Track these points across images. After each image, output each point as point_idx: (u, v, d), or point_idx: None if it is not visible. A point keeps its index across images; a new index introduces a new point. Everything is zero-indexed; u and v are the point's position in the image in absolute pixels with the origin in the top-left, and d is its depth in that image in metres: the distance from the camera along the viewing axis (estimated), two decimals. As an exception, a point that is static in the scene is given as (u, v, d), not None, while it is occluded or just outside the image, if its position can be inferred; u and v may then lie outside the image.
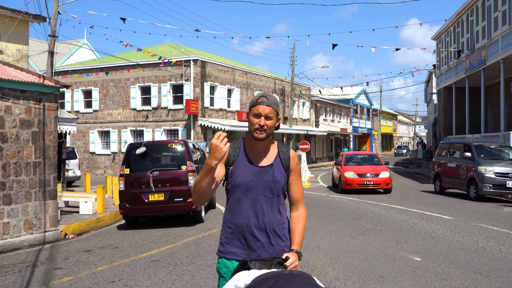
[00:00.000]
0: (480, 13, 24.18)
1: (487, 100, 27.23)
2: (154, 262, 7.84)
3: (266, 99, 3.03)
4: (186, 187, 11.46)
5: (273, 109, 3.03)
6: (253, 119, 3.03)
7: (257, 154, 3.13)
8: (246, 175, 3.08)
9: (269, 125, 3.02)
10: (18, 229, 9.80)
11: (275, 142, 3.20)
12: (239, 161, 3.12)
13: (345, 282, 6.45)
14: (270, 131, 3.04)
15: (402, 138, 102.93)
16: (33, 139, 10.13)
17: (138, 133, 32.60)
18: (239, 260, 2.99)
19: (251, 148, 3.14)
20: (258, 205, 3.06)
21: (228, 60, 39.34)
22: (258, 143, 3.10)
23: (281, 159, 3.12)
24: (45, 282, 6.87)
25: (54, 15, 15.42)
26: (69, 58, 40.50)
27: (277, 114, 3.07)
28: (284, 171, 3.12)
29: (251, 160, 3.12)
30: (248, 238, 3.04)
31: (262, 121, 3.00)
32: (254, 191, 3.06)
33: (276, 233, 3.08)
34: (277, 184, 3.08)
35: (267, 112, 3.00)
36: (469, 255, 7.92)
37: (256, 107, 3.03)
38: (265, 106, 3.01)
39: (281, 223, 3.12)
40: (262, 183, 3.07)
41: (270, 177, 3.07)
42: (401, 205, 14.82)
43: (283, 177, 3.11)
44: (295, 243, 3.10)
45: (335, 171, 20.92)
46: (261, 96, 3.06)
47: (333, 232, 10.22)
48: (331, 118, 53.96)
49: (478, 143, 17.73)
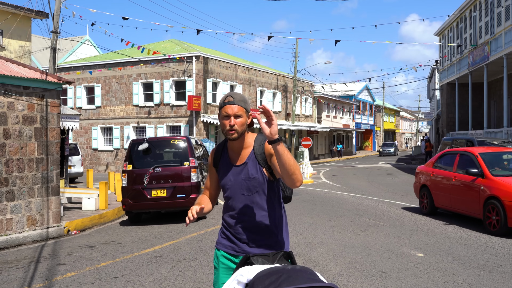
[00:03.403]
0: (483, 8, 24.09)
1: (490, 96, 27.16)
2: (157, 258, 7.86)
3: (233, 99, 3.03)
4: (188, 183, 11.47)
5: (241, 107, 3.03)
6: (223, 121, 3.05)
7: (235, 153, 3.17)
8: (227, 176, 3.17)
9: (239, 124, 3.02)
10: (21, 225, 9.83)
11: (253, 137, 3.18)
12: (222, 162, 3.22)
13: (347, 277, 6.46)
14: (241, 130, 3.04)
15: (405, 134, 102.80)
16: (36, 135, 10.15)
17: (140, 129, 32.63)
18: (227, 252, 3.14)
19: (231, 148, 3.19)
20: (238, 204, 3.13)
21: (230, 57, 39.30)
22: (234, 143, 3.13)
23: (255, 155, 3.10)
24: (48, 277, 6.90)
25: (56, 12, 15.41)
26: (71, 55, 40.52)
27: (246, 111, 3.06)
28: (260, 166, 3.09)
29: (230, 160, 3.18)
30: (233, 234, 3.15)
31: (232, 121, 3.01)
32: (233, 190, 3.14)
33: (258, 230, 3.09)
34: (253, 181, 3.08)
35: (235, 112, 3.01)
36: (472, 251, 7.92)
37: (223, 108, 3.04)
38: (232, 105, 3.02)
39: (265, 219, 3.10)
40: (238, 182, 3.12)
41: (245, 175, 3.10)
42: (403, 201, 14.80)
43: (259, 173, 3.08)
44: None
45: (433, 181, 11.92)
46: (227, 96, 3.06)
47: (336, 228, 10.23)
48: (333, 114, 53.89)
49: (481, 139, 17.69)
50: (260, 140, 3.14)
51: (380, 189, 18.90)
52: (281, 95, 40.86)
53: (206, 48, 40.12)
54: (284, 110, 41.39)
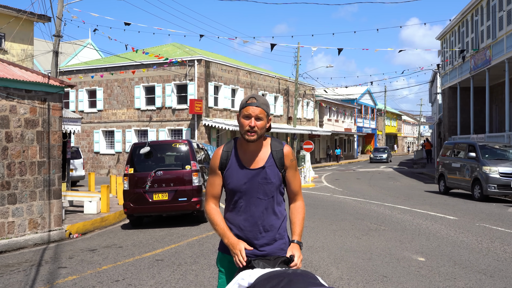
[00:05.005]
0: (485, 12, 24.11)
1: (492, 100, 27.13)
2: (158, 262, 7.86)
3: (256, 100, 3.01)
4: (190, 186, 11.48)
5: (263, 110, 3.00)
6: (243, 121, 3.01)
7: (250, 156, 3.09)
8: (239, 179, 3.07)
9: (259, 126, 2.99)
10: (23, 228, 9.84)
11: (267, 140, 3.15)
12: (230, 165, 3.11)
13: (348, 282, 6.45)
14: (261, 132, 3.01)
15: (406, 138, 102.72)
16: (38, 139, 10.17)
17: (142, 133, 32.66)
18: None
19: (244, 150, 3.11)
20: (252, 207, 3.06)
21: (232, 60, 39.35)
22: (250, 145, 3.07)
23: (274, 159, 3.08)
24: (50, 281, 6.90)
25: (59, 15, 15.46)
26: (73, 58, 40.62)
27: (267, 115, 3.04)
28: (278, 171, 3.08)
29: (243, 163, 3.09)
30: (243, 238, 3.07)
31: (253, 122, 2.97)
32: (248, 194, 3.06)
33: (271, 233, 3.09)
34: (270, 185, 3.06)
35: (257, 113, 2.98)
36: (474, 256, 7.90)
37: (246, 109, 3.00)
38: (254, 107, 2.99)
39: (276, 222, 3.11)
40: (255, 186, 3.05)
41: (263, 179, 3.05)
42: (405, 205, 14.79)
43: (277, 178, 3.07)
44: (296, 233, 3.10)
45: None
46: (250, 98, 3.04)
47: (337, 232, 10.22)
48: (335, 118, 53.89)
49: (483, 143, 17.68)
50: (277, 146, 3.12)
51: (382, 193, 18.88)
52: (282, 98, 40.89)
53: (208, 51, 40.19)
54: (285, 113, 41.40)
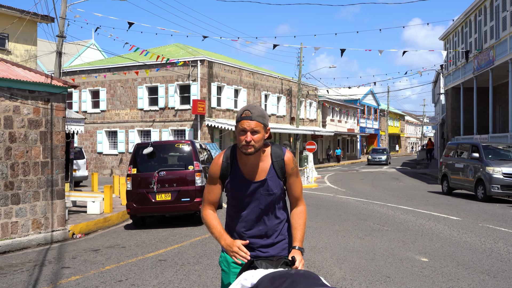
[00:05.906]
0: (488, 13, 24.05)
1: (495, 101, 27.07)
2: (161, 262, 7.87)
3: (251, 113, 2.92)
4: (193, 187, 11.49)
5: (259, 122, 2.92)
6: (239, 136, 2.94)
7: (250, 168, 3.04)
8: (241, 191, 3.05)
9: (256, 140, 2.91)
10: (26, 229, 9.86)
11: (268, 149, 3.08)
12: (232, 176, 3.07)
13: (351, 282, 6.45)
14: (258, 145, 2.94)
15: (409, 138, 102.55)
16: (41, 139, 10.20)
17: (145, 133, 32.70)
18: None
19: (244, 162, 3.05)
20: (253, 216, 3.07)
21: (235, 61, 39.35)
22: (250, 157, 3.01)
23: (275, 170, 3.04)
24: (53, 281, 6.92)
25: (62, 16, 15.50)
26: (77, 59, 40.68)
27: (264, 127, 2.95)
28: (279, 181, 3.06)
29: (244, 174, 3.05)
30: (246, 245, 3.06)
31: (249, 137, 2.90)
32: (250, 205, 3.05)
33: (274, 235, 3.11)
34: (273, 196, 3.05)
35: (252, 127, 2.90)
36: (477, 256, 7.89)
37: (240, 123, 2.93)
38: (249, 121, 2.91)
39: (278, 226, 3.13)
40: (257, 197, 3.04)
41: (265, 191, 3.03)
42: (408, 205, 14.76)
43: (278, 188, 3.06)
44: (297, 239, 3.05)
45: None
46: (245, 111, 2.95)
47: (340, 232, 10.21)
48: (338, 118, 53.83)
49: (486, 143, 17.64)
50: (278, 155, 3.06)
51: (385, 193, 18.86)
52: (285, 99, 40.87)
53: (210, 52, 40.20)
54: (288, 114, 41.38)
